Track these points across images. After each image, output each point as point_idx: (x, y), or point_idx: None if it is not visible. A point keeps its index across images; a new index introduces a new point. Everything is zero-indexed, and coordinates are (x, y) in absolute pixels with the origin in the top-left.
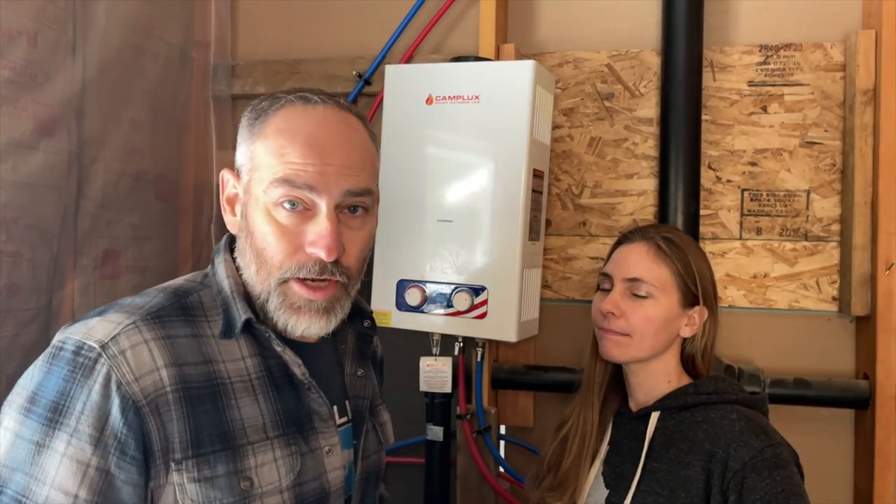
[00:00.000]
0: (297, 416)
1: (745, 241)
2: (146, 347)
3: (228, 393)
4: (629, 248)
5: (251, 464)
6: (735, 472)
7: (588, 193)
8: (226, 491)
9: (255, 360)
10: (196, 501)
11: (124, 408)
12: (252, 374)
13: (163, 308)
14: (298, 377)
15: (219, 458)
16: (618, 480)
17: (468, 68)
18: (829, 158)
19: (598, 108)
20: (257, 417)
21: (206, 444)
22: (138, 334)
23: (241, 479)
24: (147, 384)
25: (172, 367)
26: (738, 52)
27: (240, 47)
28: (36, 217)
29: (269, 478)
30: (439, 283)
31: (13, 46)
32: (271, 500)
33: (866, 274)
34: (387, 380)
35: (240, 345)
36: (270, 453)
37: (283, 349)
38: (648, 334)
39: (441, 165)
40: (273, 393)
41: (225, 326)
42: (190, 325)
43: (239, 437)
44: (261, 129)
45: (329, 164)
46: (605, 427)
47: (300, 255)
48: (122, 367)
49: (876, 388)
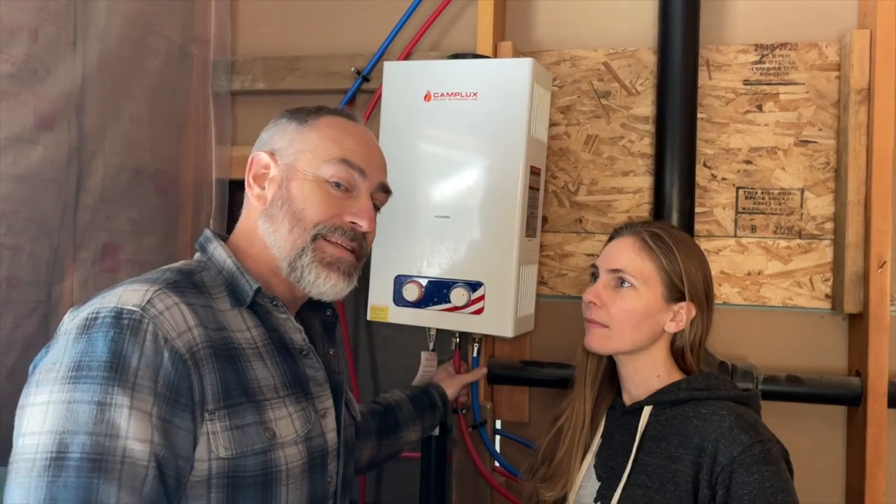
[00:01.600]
0: (297, 379)
1: (740, 239)
2: (178, 309)
3: (243, 356)
4: (617, 242)
5: (271, 416)
6: (723, 466)
7: (584, 191)
8: (255, 438)
9: (258, 330)
10: (228, 448)
11: (174, 360)
12: (258, 342)
13: (177, 281)
14: (298, 344)
15: (247, 409)
16: (609, 473)
17: (466, 65)
18: (823, 157)
19: (594, 105)
20: (269, 378)
21: (234, 397)
22: (168, 298)
23: (265, 429)
24: (186, 340)
25: (201, 328)
26: (733, 50)
27: (239, 44)
28: (36, 210)
29: (287, 430)
30: (436, 279)
31: (14, 41)
32: (290, 450)
33: (859, 272)
34: (383, 374)
35: (244, 317)
36: (284, 409)
37: (287, 317)
38: (627, 326)
39: (439, 162)
40: (278, 358)
41: (233, 298)
42: (202, 296)
43: (258, 394)
44: (313, 123)
45: (374, 158)
46: (598, 420)
47: (337, 220)
48: (166, 324)
49: (868, 385)
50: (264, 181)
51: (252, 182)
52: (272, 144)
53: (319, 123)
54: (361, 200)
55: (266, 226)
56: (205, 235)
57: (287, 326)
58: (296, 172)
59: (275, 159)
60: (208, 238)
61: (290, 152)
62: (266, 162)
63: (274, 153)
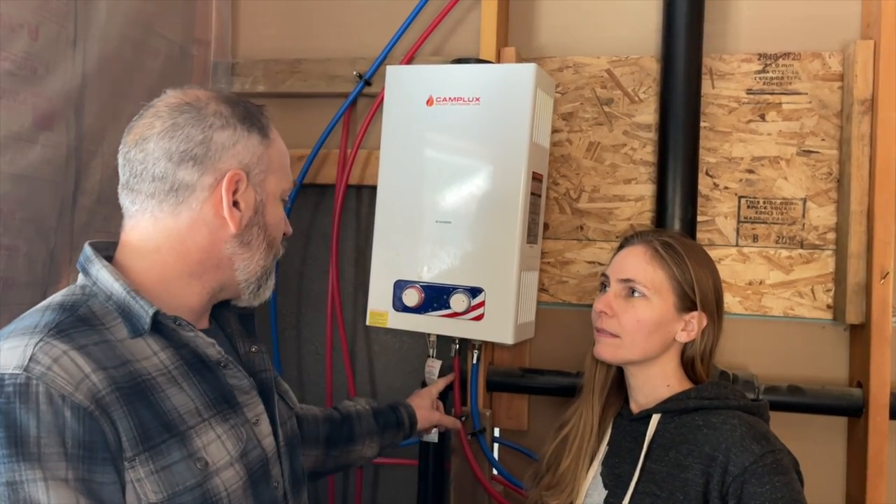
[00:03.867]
0: (220, 394)
1: (742, 248)
2: (67, 358)
3: (155, 387)
4: (628, 251)
5: (199, 444)
6: (735, 476)
7: (586, 198)
8: (186, 474)
9: (166, 352)
10: (158, 492)
11: (78, 416)
12: (169, 366)
13: (59, 323)
14: (214, 357)
15: (171, 446)
16: (616, 481)
17: (469, 70)
18: (825, 167)
19: (597, 113)
20: (188, 403)
21: (154, 436)
22: (53, 348)
23: (195, 460)
24: (86, 390)
25: (100, 372)
26: (737, 59)
27: (240, 46)
28: (33, 211)
29: (219, 454)
30: (437, 285)
31: (14, 39)
32: (227, 474)
33: (861, 283)
34: (381, 380)
35: (147, 343)
36: (212, 431)
37: (196, 334)
38: (639, 336)
39: (440, 167)
40: (194, 378)
41: (130, 327)
42: (94, 332)
43: (179, 424)
44: (273, 138)
45: None
46: (604, 428)
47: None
48: (58, 380)
49: (869, 396)
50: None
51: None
52: (238, 158)
53: (273, 137)
54: (284, 207)
55: (240, 251)
56: (84, 254)
57: (198, 343)
58: (267, 196)
59: (247, 178)
60: (89, 258)
61: (258, 171)
62: (240, 179)
63: (246, 172)
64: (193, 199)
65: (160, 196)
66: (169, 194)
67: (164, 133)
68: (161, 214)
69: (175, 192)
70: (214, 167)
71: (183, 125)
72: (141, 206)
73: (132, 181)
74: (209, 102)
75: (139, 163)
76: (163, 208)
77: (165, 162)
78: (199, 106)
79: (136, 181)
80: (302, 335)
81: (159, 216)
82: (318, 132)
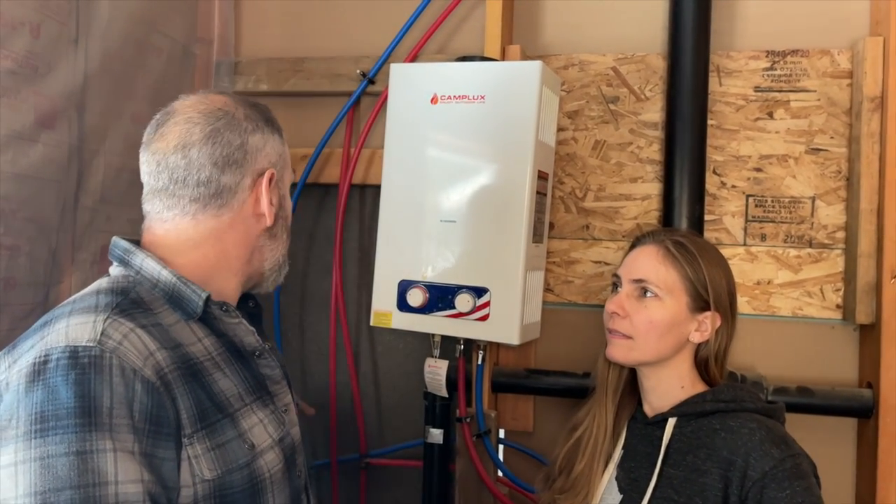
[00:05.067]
0: (258, 382)
1: (750, 248)
2: (135, 335)
3: (205, 370)
4: (640, 251)
5: (245, 426)
6: (755, 481)
7: (592, 197)
8: (238, 453)
9: (210, 339)
10: (213, 469)
11: (148, 390)
12: (213, 352)
13: (118, 304)
14: (252, 346)
15: (224, 425)
16: (632, 485)
17: (474, 68)
18: (834, 165)
19: (603, 111)
20: (233, 388)
21: (210, 415)
22: (121, 325)
23: (244, 441)
24: (153, 366)
25: (162, 350)
26: (744, 57)
27: (243, 44)
28: (35, 210)
29: (262, 437)
30: (441, 284)
31: (15, 37)
32: (269, 456)
33: (871, 282)
34: (385, 381)
35: (192, 328)
36: (254, 416)
37: (240, 320)
38: (652, 337)
39: (445, 165)
40: (235, 364)
41: (180, 311)
42: (148, 314)
43: (228, 407)
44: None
45: None
46: (619, 431)
47: None
48: (129, 354)
49: (880, 397)
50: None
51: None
52: (268, 157)
53: (281, 133)
54: None
55: (269, 243)
56: (120, 246)
57: (239, 330)
58: (284, 190)
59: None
60: (129, 250)
61: (280, 168)
62: (273, 177)
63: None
64: (235, 200)
65: (205, 200)
66: (213, 197)
67: (206, 139)
68: (203, 217)
69: (219, 195)
70: (252, 169)
71: (223, 131)
72: (182, 210)
73: (173, 187)
74: (237, 107)
75: (182, 169)
76: (206, 211)
77: (210, 167)
78: (231, 111)
79: (178, 187)
80: (305, 335)
81: (201, 218)
82: (321, 131)
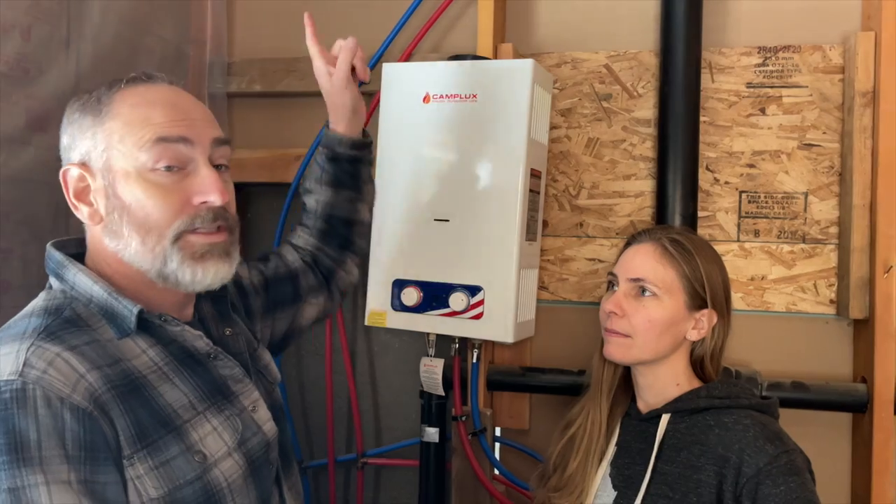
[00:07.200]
0: (214, 386)
1: (743, 244)
2: (61, 360)
3: (148, 384)
4: (636, 249)
5: (195, 437)
6: (749, 477)
7: (585, 194)
8: (185, 468)
9: (154, 349)
10: (158, 487)
11: (78, 417)
12: (159, 363)
13: (48, 326)
14: (203, 350)
15: (168, 441)
16: (626, 482)
17: (466, 67)
18: (827, 161)
19: (595, 108)
20: (181, 398)
21: (151, 433)
22: (46, 351)
23: (194, 453)
24: (83, 390)
25: (95, 371)
26: (736, 53)
27: (236, 45)
28: (27, 213)
29: (216, 445)
30: (435, 283)
31: (6, 40)
32: (226, 464)
33: (865, 277)
34: (381, 380)
35: (135, 342)
36: (207, 424)
37: (182, 328)
38: (651, 336)
39: (438, 164)
40: (185, 372)
41: (116, 328)
42: (83, 332)
43: (175, 419)
44: (108, 110)
45: (193, 117)
46: (612, 428)
47: (189, 208)
48: (55, 383)
49: (874, 392)
50: (89, 196)
51: (75, 202)
52: (77, 150)
53: (115, 106)
54: (202, 173)
55: (115, 243)
56: (54, 259)
57: (185, 337)
58: (115, 174)
59: (88, 168)
60: (61, 263)
61: (98, 153)
62: (79, 174)
63: (85, 162)
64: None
65: None
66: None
67: None
68: None
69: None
70: (66, 173)
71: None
72: None
73: None
74: (71, 106)
75: None
76: None
77: None
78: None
79: None
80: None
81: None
82: (314, 132)
